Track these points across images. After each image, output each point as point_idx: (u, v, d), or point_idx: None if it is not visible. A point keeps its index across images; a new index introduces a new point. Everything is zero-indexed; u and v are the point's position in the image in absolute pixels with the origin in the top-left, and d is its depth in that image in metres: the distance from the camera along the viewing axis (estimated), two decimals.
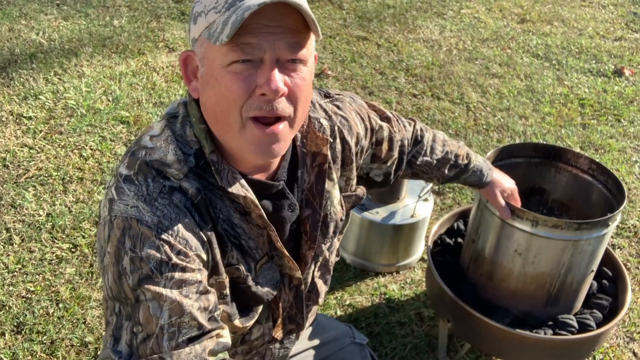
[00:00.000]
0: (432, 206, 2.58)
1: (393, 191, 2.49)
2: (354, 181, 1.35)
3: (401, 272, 2.57)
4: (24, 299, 2.29)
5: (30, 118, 3.27)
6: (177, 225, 1.03)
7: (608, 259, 2.09)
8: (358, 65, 4.15)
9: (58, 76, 3.65)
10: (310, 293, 1.35)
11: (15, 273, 2.38)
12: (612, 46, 4.74)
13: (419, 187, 2.57)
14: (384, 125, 1.40)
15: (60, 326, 2.20)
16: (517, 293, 1.88)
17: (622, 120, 3.79)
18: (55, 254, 2.48)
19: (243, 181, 1.11)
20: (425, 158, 1.53)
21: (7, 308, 2.24)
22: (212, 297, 1.05)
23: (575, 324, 1.86)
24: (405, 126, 1.48)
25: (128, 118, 3.35)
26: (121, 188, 1.05)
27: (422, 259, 2.63)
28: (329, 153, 1.24)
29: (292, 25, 1.00)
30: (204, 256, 1.07)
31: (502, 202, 1.74)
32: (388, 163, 1.44)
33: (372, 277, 2.53)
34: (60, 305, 2.27)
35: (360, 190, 1.37)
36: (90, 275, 2.40)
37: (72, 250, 2.51)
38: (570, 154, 2.04)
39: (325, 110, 1.28)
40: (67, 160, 3.00)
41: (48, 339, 2.15)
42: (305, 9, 0.97)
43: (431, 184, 2.51)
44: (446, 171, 1.60)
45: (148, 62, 3.91)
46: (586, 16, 5.23)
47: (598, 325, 1.89)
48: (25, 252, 2.47)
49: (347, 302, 2.39)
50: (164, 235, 1.01)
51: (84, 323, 2.21)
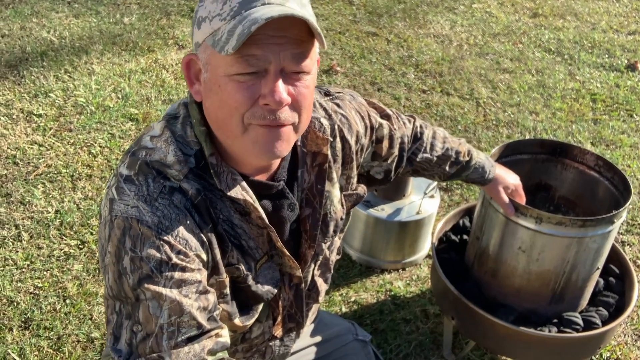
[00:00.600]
0: (439, 203, 2.56)
1: (399, 188, 2.48)
2: (355, 179, 1.35)
3: (407, 269, 2.56)
4: (32, 295, 2.31)
5: (40, 116, 3.30)
6: (177, 225, 1.04)
7: (615, 256, 2.07)
8: (367, 61, 4.13)
9: (68, 74, 3.68)
10: (310, 291, 1.36)
11: (23, 269, 2.41)
12: (626, 40, 4.67)
13: (425, 184, 2.56)
14: (384, 122, 1.39)
15: (67, 322, 2.22)
16: (522, 290, 1.86)
17: (635, 115, 3.74)
18: (63, 251, 2.51)
19: (243, 183, 1.11)
20: (425, 155, 1.52)
21: (15, 304, 2.27)
22: (212, 297, 1.06)
23: (580, 322, 1.84)
24: (405, 123, 1.48)
25: (137, 115, 3.36)
26: (122, 188, 1.06)
27: (428, 256, 2.62)
28: (329, 152, 1.24)
29: (297, 35, 1.00)
30: (204, 256, 1.07)
31: (506, 199, 1.72)
32: (388, 160, 1.44)
33: (378, 274, 2.53)
34: (67, 301, 2.29)
35: (361, 188, 1.37)
36: (97, 271, 2.42)
37: (80, 246, 2.53)
38: (576, 150, 2.01)
39: (325, 109, 1.28)
40: (76, 157, 3.02)
41: (55, 335, 2.17)
42: (311, 22, 0.97)
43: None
44: (447, 168, 1.58)
45: (157, 60, 3.92)
46: (599, 10, 5.17)
47: (604, 323, 1.87)
48: (33, 249, 2.50)
49: (353, 299, 2.39)
50: (164, 235, 1.02)
51: (91, 319, 2.23)
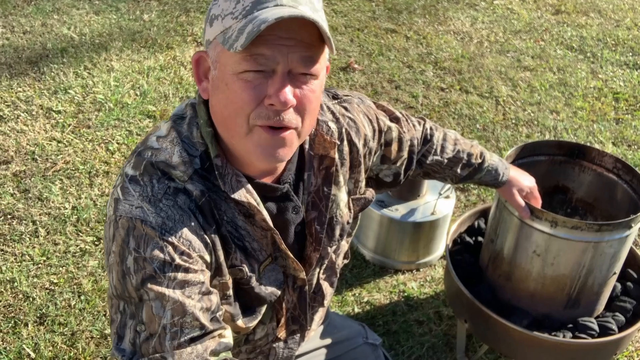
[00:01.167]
0: (454, 203, 2.53)
1: (413, 188, 2.46)
2: (363, 183, 1.34)
3: (421, 270, 2.54)
4: (48, 291, 2.34)
5: (59, 112, 3.33)
6: (181, 226, 1.04)
7: (633, 260, 2.03)
8: (385, 58, 4.10)
9: (88, 70, 3.71)
10: (315, 295, 1.35)
11: (39, 265, 2.44)
12: None
13: (440, 184, 2.53)
14: (393, 126, 1.38)
15: (81, 318, 2.24)
16: (536, 295, 1.83)
17: None
18: (79, 247, 2.53)
19: (248, 185, 1.11)
20: (435, 157, 1.50)
21: (31, 299, 2.29)
22: (215, 298, 1.06)
23: (596, 327, 1.81)
24: (414, 125, 1.46)
25: (155, 112, 3.38)
26: (126, 188, 1.06)
27: (443, 257, 2.59)
28: (337, 156, 1.23)
29: (307, 39, 0.99)
30: (207, 258, 1.07)
31: (521, 202, 1.69)
32: (397, 163, 1.42)
33: (392, 275, 2.51)
34: (82, 297, 2.31)
35: (369, 192, 1.36)
36: None
37: (96, 243, 2.56)
38: (594, 152, 1.97)
39: (332, 112, 1.27)
40: (94, 154, 3.05)
41: (69, 331, 2.19)
42: (321, 25, 0.96)
43: None
44: (459, 170, 1.56)
45: (176, 57, 3.94)
46: (624, 7, 5.06)
47: (620, 329, 1.84)
48: (50, 245, 2.53)
49: (365, 299, 2.38)
50: (168, 236, 1.02)
51: (105, 315, 2.25)
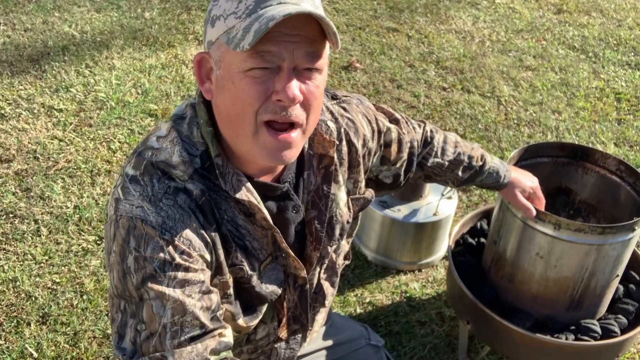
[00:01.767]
0: (456, 204, 2.53)
1: (416, 189, 2.46)
2: (363, 183, 1.34)
3: (423, 271, 2.54)
4: (50, 290, 2.34)
5: (61, 110, 3.33)
6: (181, 225, 1.04)
7: (636, 263, 2.03)
8: (387, 57, 4.10)
9: (89, 69, 3.71)
10: (316, 295, 1.35)
11: (42, 264, 2.44)
12: None
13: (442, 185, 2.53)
14: (392, 127, 1.39)
15: (83, 317, 2.24)
16: (539, 297, 1.83)
17: None
18: (81, 246, 2.53)
19: (248, 184, 1.11)
20: (436, 159, 1.51)
21: (34, 299, 2.29)
22: (215, 297, 1.07)
23: (598, 330, 1.81)
24: (414, 128, 1.47)
25: (156, 111, 3.38)
26: (127, 188, 1.07)
27: (445, 258, 2.60)
28: (335, 155, 1.23)
29: (311, 34, 1.01)
30: (208, 257, 1.08)
31: (524, 202, 1.69)
32: (397, 165, 1.43)
33: (394, 275, 2.51)
34: (84, 297, 2.31)
35: (369, 192, 1.36)
36: None
37: (98, 242, 2.56)
38: (597, 154, 1.97)
39: (331, 112, 1.28)
40: (96, 152, 3.05)
41: (71, 330, 2.19)
42: (327, 22, 0.98)
43: None
44: (460, 173, 1.56)
45: (177, 55, 3.94)
46: (626, 6, 5.06)
47: (623, 331, 1.84)
48: (52, 244, 2.53)
49: (367, 300, 2.38)
50: (168, 235, 1.02)
51: (107, 315, 2.25)
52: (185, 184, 1.07)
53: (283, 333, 1.31)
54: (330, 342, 1.62)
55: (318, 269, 1.31)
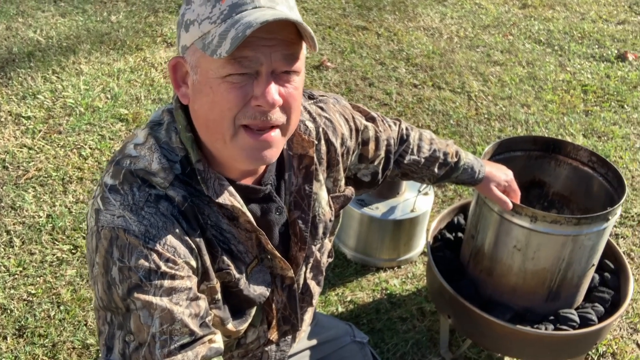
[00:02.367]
0: (433, 199, 2.56)
1: (393, 186, 2.47)
2: (342, 182, 1.36)
3: (402, 267, 2.56)
4: (25, 302, 2.29)
5: (29, 118, 3.26)
6: (165, 233, 1.03)
7: (610, 251, 2.08)
8: (358, 55, 4.11)
9: (56, 74, 3.64)
10: (303, 295, 1.36)
11: (16, 276, 2.39)
12: (615, 30, 4.67)
13: None
14: (369, 125, 1.40)
15: (61, 329, 2.20)
16: (518, 289, 1.86)
17: (626, 106, 3.75)
18: (55, 256, 2.48)
19: (231, 188, 1.11)
20: (412, 157, 1.53)
21: (9, 311, 2.25)
22: (203, 303, 1.06)
23: (576, 319, 1.85)
24: (390, 126, 1.49)
25: (127, 116, 3.34)
26: (107, 198, 1.05)
27: (424, 253, 2.62)
28: (315, 155, 1.24)
29: (288, 37, 1.00)
30: (193, 263, 1.07)
31: (500, 195, 1.71)
32: (375, 162, 1.44)
33: (373, 273, 2.52)
34: (61, 307, 2.27)
35: (348, 190, 1.37)
36: None
37: (73, 251, 2.51)
38: (570, 147, 2.01)
39: (309, 112, 1.28)
40: (67, 160, 3.00)
41: (50, 342, 2.15)
42: (304, 26, 0.97)
43: None
44: (436, 170, 1.58)
45: (146, 58, 3.89)
46: (589, 0, 5.17)
47: (600, 319, 1.88)
48: (25, 255, 2.48)
49: (349, 299, 2.39)
50: (152, 243, 1.01)
51: (86, 325, 2.22)
52: (166, 191, 1.06)
53: (274, 335, 1.31)
54: (316, 341, 1.63)
55: (304, 269, 1.31)
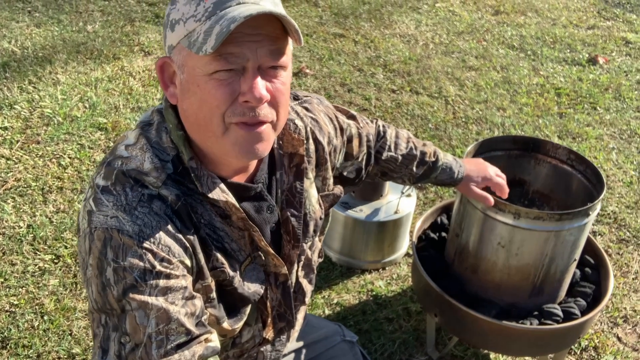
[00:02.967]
0: (415, 201, 2.59)
1: (376, 188, 2.50)
2: (331, 181, 1.37)
3: (387, 268, 2.58)
4: (8, 313, 2.26)
5: (5, 128, 3.22)
6: (159, 232, 1.03)
7: (590, 247, 2.12)
8: (336, 62, 4.15)
9: (33, 85, 3.60)
10: (296, 293, 1.36)
11: None
12: (586, 35, 4.79)
13: None
14: (351, 123, 1.44)
15: (46, 339, 2.17)
16: (502, 285, 1.89)
17: (598, 108, 3.84)
18: (37, 266, 2.45)
19: (223, 185, 1.11)
20: (390, 153, 1.55)
21: None
22: (199, 302, 1.06)
23: (560, 313, 1.89)
24: (367, 123, 1.53)
25: (106, 124, 3.31)
26: (99, 199, 1.04)
27: (408, 254, 2.65)
28: (305, 153, 1.25)
29: (273, 32, 1.01)
30: (188, 262, 1.07)
31: (481, 193, 1.72)
32: (359, 159, 1.48)
33: (359, 275, 2.54)
34: (45, 317, 2.24)
35: (337, 189, 1.39)
36: (74, 285, 2.38)
37: (55, 261, 2.48)
38: (549, 145, 2.06)
39: (296, 112, 1.30)
40: (46, 170, 2.96)
41: (34, 353, 2.12)
42: (288, 20, 0.98)
43: None
44: (414, 169, 1.61)
45: (124, 67, 3.87)
46: (559, 5, 5.29)
47: (582, 313, 1.92)
48: (6, 265, 2.44)
49: (335, 301, 2.40)
50: (146, 243, 1.01)
51: (70, 334, 2.19)
52: (159, 191, 1.06)
53: (269, 333, 1.31)
54: (307, 341, 1.64)
55: (296, 267, 1.32)
